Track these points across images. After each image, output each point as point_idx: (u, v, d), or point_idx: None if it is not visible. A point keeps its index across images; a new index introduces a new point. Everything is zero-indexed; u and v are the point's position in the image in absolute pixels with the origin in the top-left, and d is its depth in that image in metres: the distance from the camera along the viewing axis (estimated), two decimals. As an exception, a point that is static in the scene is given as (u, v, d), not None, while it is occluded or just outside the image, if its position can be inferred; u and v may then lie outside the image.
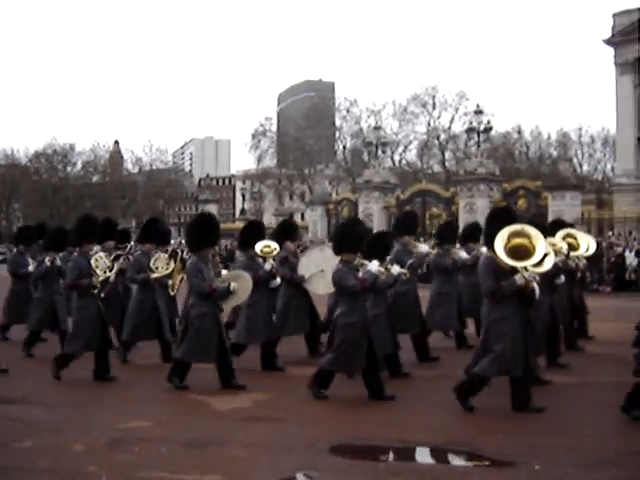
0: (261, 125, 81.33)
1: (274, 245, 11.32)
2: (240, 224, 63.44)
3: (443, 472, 6.22)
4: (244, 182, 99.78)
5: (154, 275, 11.36)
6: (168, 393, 9.22)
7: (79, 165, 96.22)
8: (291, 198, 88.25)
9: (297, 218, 78.42)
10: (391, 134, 71.08)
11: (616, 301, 17.03)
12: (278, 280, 11.05)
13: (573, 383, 9.61)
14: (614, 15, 42.91)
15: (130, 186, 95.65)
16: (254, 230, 11.48)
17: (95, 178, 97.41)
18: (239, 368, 10.31)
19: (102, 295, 10.31)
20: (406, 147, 76.32)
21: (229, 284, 9.47)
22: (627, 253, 26.33)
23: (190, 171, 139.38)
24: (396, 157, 75.46)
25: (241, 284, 9.63)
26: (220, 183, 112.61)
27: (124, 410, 8.30)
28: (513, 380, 8.02)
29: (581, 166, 73.57)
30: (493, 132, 49.22)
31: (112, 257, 10.49)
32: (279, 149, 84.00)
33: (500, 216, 8.52)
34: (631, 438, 7.12)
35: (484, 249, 9.89)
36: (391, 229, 13.38)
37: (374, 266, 8.91)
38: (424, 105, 73.29)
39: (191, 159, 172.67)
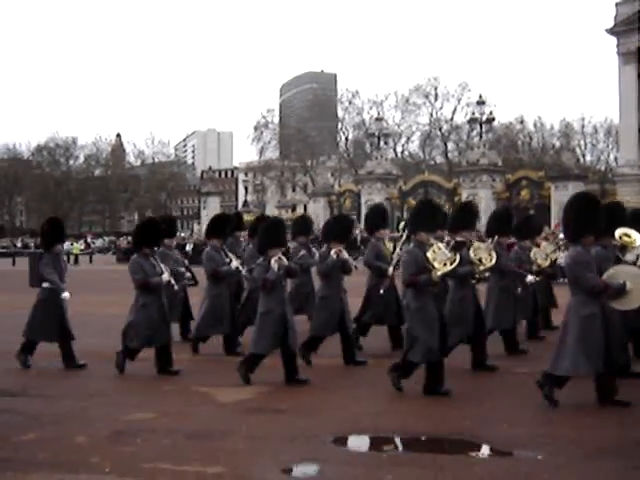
0: (263, 117, 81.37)
1: (637, 235, 9.42)
2: (246, 217, 63.44)
3: (446, 462, 6.21)
4: (246, 174, 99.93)
5: (481, 267, 9.94)
6: (171, 385, 9.22)
7: (81, 158, 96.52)
8: (294, 190, 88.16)
9: (300, 210, 78.52)
10: (393, 125, 71.12)
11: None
12: None
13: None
14: (617, 4, 42.69)
15: (132, 179, 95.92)
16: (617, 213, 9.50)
17: (97, 171, 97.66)
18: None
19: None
20: (408, 138, 76.42)
21: (624, 282, 7.88)
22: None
23: (192, 164, 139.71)
24: (398, 148, 75.51)
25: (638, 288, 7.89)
26: (223, 175, 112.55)
27: (127, 402, 8.31)
28: None
29: (584, 156, 73.44)
30: (496, 123, 49.21)
31: (452, 246, 9.12)
32: (281, 141, 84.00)
33: None
34: (632, 428, 7.10)
35: None
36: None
37: None
38: (426, 96, 73.32)
39: (193, 152, 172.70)
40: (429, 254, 8.42)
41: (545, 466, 5.92)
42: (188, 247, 44.12)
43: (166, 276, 9.87)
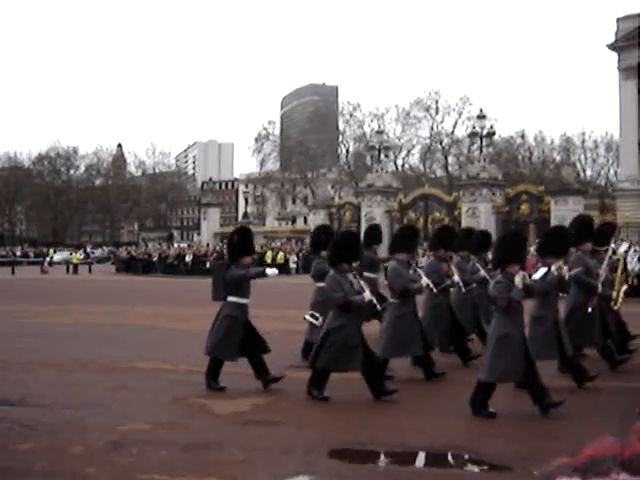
0: (264, 129, 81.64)
1: None
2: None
3: (442, 476, 6.21)
4: (247, 186, 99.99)
5: None
6: (168, 396, 9.21)
7: (82, 168, 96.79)
8: (294, 202, 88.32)
9: (300, 222, 78.65)
10: (394, 138, 71.34)
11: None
12: None
13: (573, 388, 9.57)
14: (618, 20, 42.91)
15: (133, 189, 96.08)
16: None
17: (98, 181, 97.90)
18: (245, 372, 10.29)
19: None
20: (409, 151, 76.66)
21: None
22: (629, 259, 26.29)
23: (193, 174, 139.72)
24: (399, 161, 75.71)
25: None
26: (223, 187, 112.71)
27: (124, 413, 8.29)
28: None
29: (584, 171, 73.64)
30: (496, 137, 49.35)
31: None
32: (282, 153, 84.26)
33: None
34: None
35: None
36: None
37: None
38: (427, 109, 73.55)
39: (194, 162, 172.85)
40: None
41: (541, 481, 5.90)
42: (188, 258, 44.18)
43: (367, 295, 8.87)
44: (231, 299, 9.64)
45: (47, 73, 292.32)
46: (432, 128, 74.21)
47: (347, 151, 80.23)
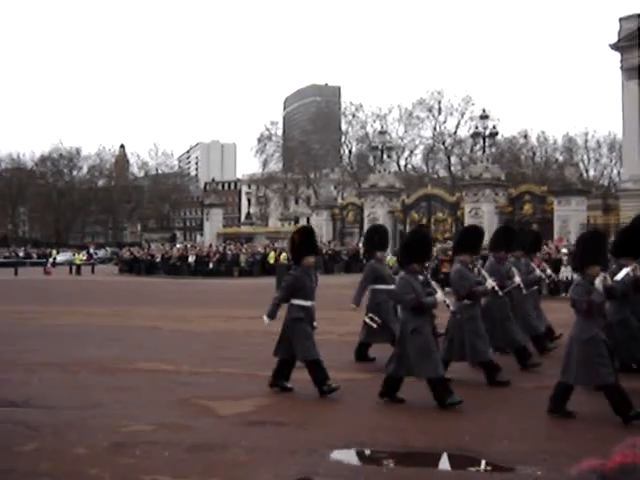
0: (267, 129, 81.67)
1: None
2: (246, 228, 63.61)
3: (445, 477, 6.20)
4: (250, 186, 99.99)
5: None
6: (171, 397, 9.21)
7: (85, 169, 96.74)
8: (296, 202, 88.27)
9: (302, 222, 78.63)
10: (397, 139, 71.35)
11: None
12: None
13: (576, 389, 9.56)
14: (620, 20, 42.78)
15: (136, 190, 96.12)
16: None
17: (101, 182, 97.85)
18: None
19: None
20: (412, 152, 76.64)
21: None
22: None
23: (196, 175, 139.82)
24: (402, 162, 75.74)
25: None
26: (226, 187, 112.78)
27: (127, 414, 8.29)
28: None
29: (587, 171, 73.47)
30: (499, 137, 49.38)
31: None
32: (285, 153, 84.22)
33: None
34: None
35: None
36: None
37: None
38: (430, 109, 73.55)
39: (197, 163, 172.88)
40: None
41: (545, 482, 5.91)
42: (191, 259, 44.18)
43: (440, 295, 8.60)
44: (295, 302, 9.25)
45: (50, 74, 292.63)
46: (435, 128, 74.29)
47: (350, 151, 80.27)
